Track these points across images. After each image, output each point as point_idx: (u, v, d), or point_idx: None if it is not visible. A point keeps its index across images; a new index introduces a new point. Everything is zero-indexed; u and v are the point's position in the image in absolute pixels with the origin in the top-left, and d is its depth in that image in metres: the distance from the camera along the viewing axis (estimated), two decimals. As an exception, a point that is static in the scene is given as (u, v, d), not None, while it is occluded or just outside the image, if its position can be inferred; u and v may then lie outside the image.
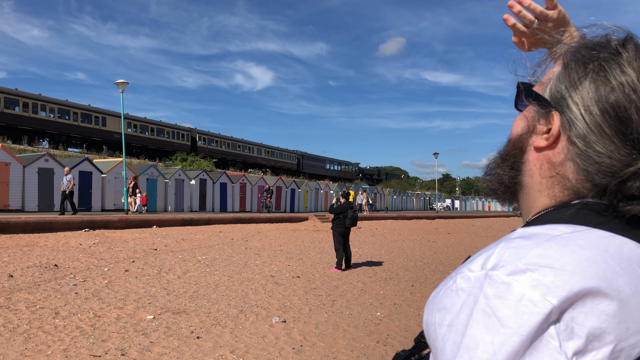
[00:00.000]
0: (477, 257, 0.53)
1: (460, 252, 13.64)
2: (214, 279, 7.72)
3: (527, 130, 0.62)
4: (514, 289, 0.47)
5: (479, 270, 0.51)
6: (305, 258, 10.75)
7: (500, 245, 0.52)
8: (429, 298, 0.58)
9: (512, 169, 0.64)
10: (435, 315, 0.53)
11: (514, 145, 0.63)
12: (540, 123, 0.60)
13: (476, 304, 0.48)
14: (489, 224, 33.05)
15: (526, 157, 0.62)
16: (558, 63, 0.62)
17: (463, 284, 0.51)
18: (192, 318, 5.35)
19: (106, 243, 11.63)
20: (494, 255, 0.51)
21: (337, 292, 7.16)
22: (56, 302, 5.77)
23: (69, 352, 4.10)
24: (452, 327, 0.50)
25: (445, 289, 0.53)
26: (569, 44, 0.62)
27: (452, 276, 0.54)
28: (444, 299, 0.53)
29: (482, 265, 0.51)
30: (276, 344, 4.61)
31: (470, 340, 0.47)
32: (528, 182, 0.62)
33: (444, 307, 0.52)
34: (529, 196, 0.62)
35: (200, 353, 4.24)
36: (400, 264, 10.57)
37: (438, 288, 0.56)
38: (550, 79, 0.61)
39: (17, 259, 8.57)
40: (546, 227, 0.54)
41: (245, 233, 16.44)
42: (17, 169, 18.63)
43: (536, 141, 0.60)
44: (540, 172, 0.60)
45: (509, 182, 0.64)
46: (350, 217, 9.40)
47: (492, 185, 0.67)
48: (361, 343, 4.80)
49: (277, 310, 5.89)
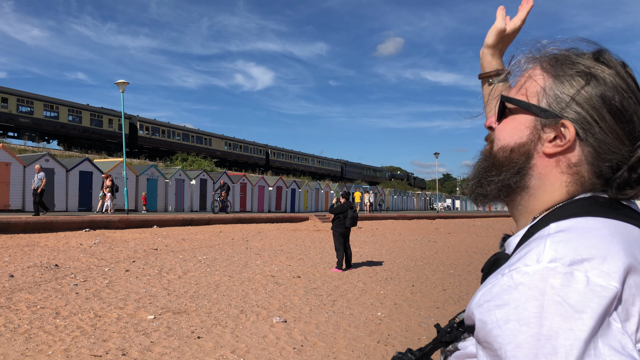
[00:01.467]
0: (527, 254, 0.56)
1: (461, 252, 13.64)
2: (214, 279, 7.71)
3: (531, 139, 0.66)
4: (578, 277, 0.51)
5: (535, 265, 0.54)
6: (306, 258, 10.75)
7: (549, 240, 0.56)
8: (474, 299, 0.59)
9: (518, 174, 0.68)
10: (494, 312, 0.54)
11: (519, 153, 0.67)
12: (545, 132, 0.65)
13: (544, 295, 0.51)
14: (489, 224, 33.04)
15: (533, 163, 0.67)
16: (537, 73, 0.67)
17: (522, 279, 0.53)
18: (192, 318, 5.35)
19: (107, 243, 11.64)
20: (546, 249, 0.55)
21: (337, 292, 7.16)
22: (57, 302, 5.77)
23: (69, 352, 4.10)
24: (522, 321, 0.51)
25: (501, 286, 0.55)
26: (532, 55, 0.70)
27: (504, 273, 0.56)
28: (502, 296, 0.54)
29: (537, 259, 0.54)
30: (277, 344, 4.60)
31: (548, 330, 0.50)
32: (535, 184, 0.67)
33: (505, 302, 0.53)
34: (535, 196, 0.67)
35: (201, 353, 4.24)
36: (401, 264, 10.56)
37: (486, 286, 0.58)
38: (542, 89, 0.66)
39: (17, 259, 8.57)
40: (577, 221, 0.59)
41: (246, 233, 16.43)
42: (17, 169, 18.63)
43: (547, 148, 0.65)
44: (554, 173, 0.65)
45: (515, 185, 0.68)
46: (351, 217, 9.40)
47: (489, 191, 0.72)
48: (362, 343, 4.79)
49: (278, 310, 5.89)
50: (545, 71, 0.67)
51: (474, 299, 0.59)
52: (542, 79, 0.66)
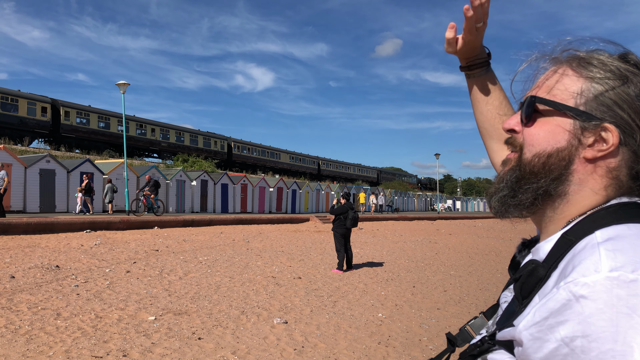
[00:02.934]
0: (580, 265, 0.53)
1: (462, 253, 13.63)
2: (215, 280, 7.72)
3: (571, 143, 0.64)
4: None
5: (595, 275, 0.51)
6: (307, 259, 10.75)
7: (602, 249, 0.53)
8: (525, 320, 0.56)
9: (557, 179, 0.65)
10: (558, 329, 0.51)
11: (558, 158, 0.64)
12: (584, 136, 0.62)
13: (611, 307, 0.48)
14: (490, 224, 33.01)
15: (574, 168, 0.64)
16: (568, 75, 0.65)
17: (583, 291, 0.50)
18: (193, 319, 5.35)
19: (108, 244, 11.64)
20: (602, 258, 0.52)
21: (338, 293, 7.16)
22: (58, 303, 5.77)
23: (70, 353, 4.10)
24: (590, 337, 0.48)
25: (559, 300, 0.52)
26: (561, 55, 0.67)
27: (560, 286, 0.53)
28: (563, 312, 0.51)
29: (595, 269, 0.51)
30: (277, 345, 4.60)
31: (622, 345, 0.47)
32: (574, 190, 0.64)
33: (568, 319, 0.50)
34: (570, 202, 0.65)
35: (202, 354, 4.24)
36: (402, 265, 10.56)
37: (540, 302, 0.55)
38: (580, 92, 0.63)
39: (18, 260, 8.58)
40: (623, 228, 0.57)
41: (247, 234, 16.44)
42: (18, 170, 18.66)
43: (587, 152, 0.62)
44: (593, 178, 0.63)
45: (554, 192, 0.65)
46: (351, 217, 9.39)
47: (527, 200, 0.67)
48: (362, 344, 4.79)
49: (279, 311, 5.89)
50: (577, 73, 0.64)
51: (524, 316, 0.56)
52: (577, 81, 0.64)
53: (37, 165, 19.39)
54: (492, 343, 0.64)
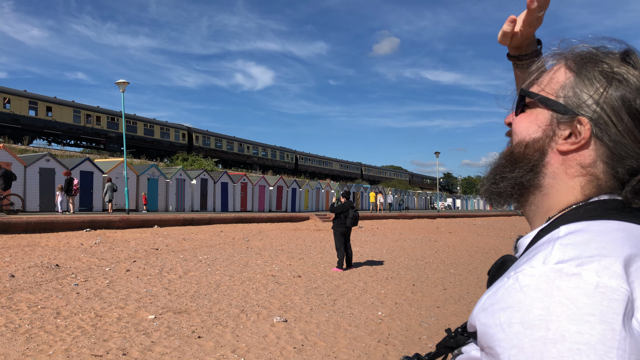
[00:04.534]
0: (534, 257, 0.54)
1: (462, 251, 13.63)
2: (215, 278, 7.72)
3: (546, 135, 0.65)
4: (587, 279, 0.49)
5: (542, 266, 0.52)
6: (307, 257, 10.75)
7: (558, 243, 0.54)
8: (479, 303, 0.57)
9: (531, 171, 0.66)
10: (499, 315, 0.52)
11: (533, 149, 0.66)
12: (560, 129, 0.64)
13: (550, 297, 0.49)
14: (490, 223, 33.03)
15: (547, 160, 0.65)
16: (560, 70, 0.66)
17: (528, 281, 0.52)
18: (193, 318, 5.35)
19: (107, 243, 11.64)
20: (554, 251, 0.53)
21: (338, 292, 7.16)
22: (57, 302, 5.78)
23: (70, 352, 4.10)
24: (526, 324, 0.49)
25: (506, 288, 0.53)
26: (560, 51, 0.68)
27: (510, 275, 0.54)
28: (506, 298, 0.52)
29: (544, 261, 0.52)
30: (277, 344, 4.61)
31: (554, 334, 0.47)
32: (549, 183, 0.65)
33: (510, 305, 0.52)
34: (549, 196, 0.66)
35: (202, 353, 4.24)
36: (402, 263, 10.56)
37: (491, 290, 0.56)
38: (563, 85, 0.64)
39: (18, 259, 8.58)
40: (590, 223, 0.57)
41: (247, 233, 16.44)
42: (18, 169, 18.64)
43: (561, 145, 0.63)
44: (568, 172, 0.64)
45: (527, 183, 0.67)
46: (352, 216, 9.39)
47: (503, 189, 0.69)
48: (362, 342, 4.80)
49: (279, 310, 5.89)
50: (568, 68, 0.65)
51: (478, 303, 0.58)
52: (564, 76, 0.65)
53: (37, 164, 19.38)
54: (465, 335, 0.66)
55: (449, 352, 0.70)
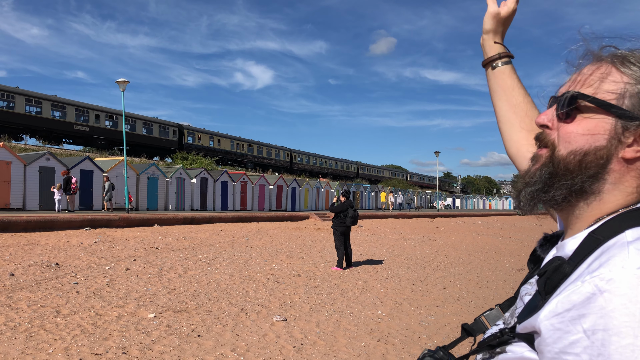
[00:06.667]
0: (608, 261, 0.54)
1: (462, 251, 13.64)
2: (215, 277, 7.72)
3: (612, 142, 0.63)
4: None
5: (621, 271, 0.51)
6: (306, 257, 10.75)
7: (632, 247, 0.54)
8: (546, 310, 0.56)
9: (593, 177, 0.65)
10: (579, 322, 0.52)
11: (596, 157, 0.64)
12: (625, 135, 0.62)
13: (635, 303, 0.49)
14: (489, 222, 33.03)
15: (611, 167, 0.64)
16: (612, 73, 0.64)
17: (607, 286, 0.51)
18: (193, 317, 5.36)
19: (107, 242, 11.65)
20: (631, 256, 0.53)
21: (337, 291, 7.17)
22: (57, 300, 5.78)
23: (70, 350, 4.10)
24: (611, 331, 0.49)
25: (582, 294, 0.53)
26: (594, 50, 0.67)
27: (584, 280, 0.54)
28: (586, 305, 0.52)
29: (622, 266, 0.52)
30: (277, 343, 4.61)
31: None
32: (608, 189, 0.64)
33: (590, 312, 0.51)
34: (603, 201, 0.65)
35: (201, 352, 4.25)
36: (401, 263, 10.57)
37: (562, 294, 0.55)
38: (622, 91, 0.62)
39: (18, 258, 8.58)
40: None
41: (246, 232, 16.44)
42: (18, 168, 18.64)
43: (627, 153, 0.62)
44: (628, 179, 0.63)
45: (589, 189, 0.65)
46: (351, 215, 9.40)
47: (559, 196, 0.67)
48: (362, 341, 4.80)
49: (278, 309, 5.90)
50: (620, 72, 0.63)
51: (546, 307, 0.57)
52: (620, 80, 0.63)
53: (37, 162, 19.37)
54: (512, 335, 0.65)
55: (489, 349, 0.69)
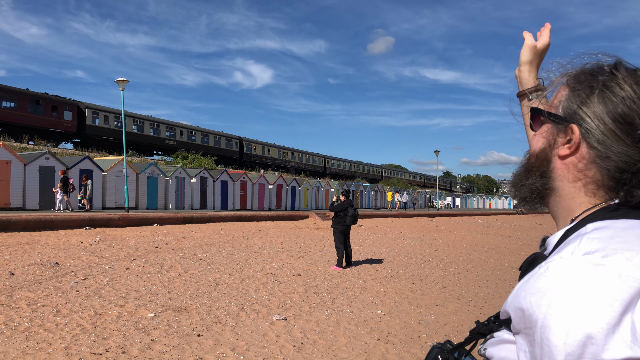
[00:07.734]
0: (563, 249, 0.61)
1: (461, 250, 13.64)
2: (214, 276, 7.72)
3: (549, 144, 0.75)
4: (611, 268, 0.55)
5: (570, 256, 0.58)
6: (306, 256, 10.75)
7: (585, 237, 0.61)
8: (513, 292, 0.63)
9: (542, 177, 0.76)
10: (529, 299, 0.58)
11: (539, 157, 0.76)
12: (559, 137, 0.73)
13: (576, 282, 0.55)
14: (489, 221, 33.03)
15: (553, 166, 0.74)
16: (562, 87, 0.76)
17: (557, 268, 0.58)
18: (193, 316, 5.36)
19: (107, 241, 11.64)
20: (581, 244, 0.59)
21: (337, 290, 7.17)
22: (57, 300, 5.78)
23: (70, 350, 4.10)
24: (552, 305, 0.55)
25: (538, 275, 0.60)
26: (566, 72, 0.78)
27: (541, 265, 0.61)
28: (537, 284, 0.59)
29: (572, 252, 0.59)
30: (277, 342, 4.61)
31: (576, 311, 0.53)
32: (559, 186, 0.74)
33: (539, 290, 0.58)
34: (563, 198, 0.74)
35: (201, 351, 4.25)
36: (401, 262, 10.57)
37: (524, 280, 0.63)
38: (560, 100, 0.74)
39: (18, 257, 8.58)
40: (613, 222, 0.64)
41: (246, 231, 16.44)
42: (18, 167, 18.63)
43: (560, 151, 0.72)
44: (570, 176, 0.72)
45: (541, 188, 0.76)
46: (351, 215, 9.40)
47: (524, 194, 0.79)
48: (362, 341, 4.80)
49: (278, 308, 5.90)
50: (567, 85, 0.75)
51: (512, 293, 0.64)
52: (563, 92, 0.75)
53: (37, 162, 19.36)
54: (497, 323, 0.72)
55: (480, 338, 0.76)
